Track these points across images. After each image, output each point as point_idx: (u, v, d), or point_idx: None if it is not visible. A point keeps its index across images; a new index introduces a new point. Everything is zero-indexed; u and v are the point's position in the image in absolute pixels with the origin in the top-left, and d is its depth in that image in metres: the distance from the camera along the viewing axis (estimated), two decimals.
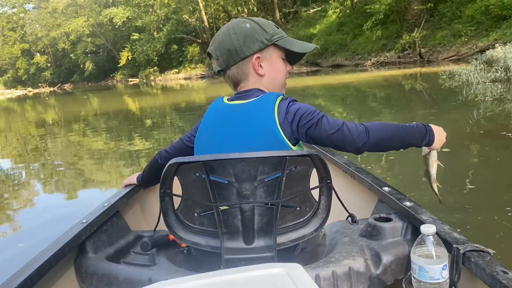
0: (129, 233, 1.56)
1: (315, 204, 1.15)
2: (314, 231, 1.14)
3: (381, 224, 1.25)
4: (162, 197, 1.13)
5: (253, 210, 1.11)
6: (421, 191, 3.12)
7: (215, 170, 1.09)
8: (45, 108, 21.22)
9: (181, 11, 38.28)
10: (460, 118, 5.80)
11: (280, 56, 1.31)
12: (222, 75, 1.31)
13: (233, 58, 1.24)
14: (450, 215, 2.63)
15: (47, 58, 66.03)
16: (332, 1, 27.34)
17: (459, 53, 16.34)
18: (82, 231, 1.34)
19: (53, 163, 6.21)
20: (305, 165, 1.09)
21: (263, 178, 1.09)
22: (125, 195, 1.68)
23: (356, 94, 11.23)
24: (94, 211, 1.49)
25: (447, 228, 1.13)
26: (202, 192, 1.11)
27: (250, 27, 1.25)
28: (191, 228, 1.16)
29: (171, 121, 9.96)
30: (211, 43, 1.30)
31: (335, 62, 23.19)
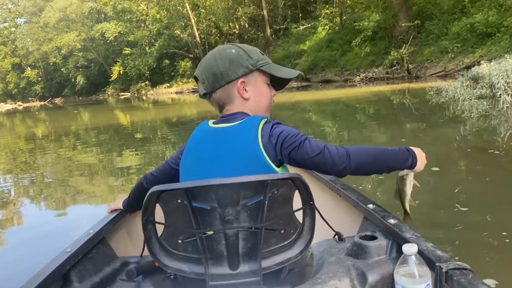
0: (115, 260, 1.53)
1: (299, 226, 1.15)
2: (299, 253, 1.15)
3: (366, 243, 1.25)
4: (144, 225, 1.12)
5: (237, 235, 1.11)
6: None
7: (197, 196, 1.08)
8: (35, 122, 21.10)
9: (173, 26, 38.55)
10: (448, 134, 5.91)
11: (265, 81, 1.34)
12: (208, 98, 1.34)
13: (219, 81, 1.28)
14: (436, 232, 2.68)
15: (38, 72, 65.83)
16: (322, 18, 27.76)
17: (446, 69, 16.64)
18: (66, 261, 1.32)
19: (42, 178, 6.19)
20: (287, 188, 1.10)
21: (246, 202, 1.09)
22: (110, 221, 1.66)
23: (345, 109, 11.37)
24: (78, 240, 1.46)
25: (430, 246, 1.14)
26: (185, 219, 1.10)
27: (236, 52, 1.29)
28: (175, 255, 1.15)
29: (162, 135, 9.99)
30: (198, 67, 1.34)
31: (324, 78, 23.47)
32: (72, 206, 4.63)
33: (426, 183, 3.63)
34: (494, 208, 2.92)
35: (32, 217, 4.31)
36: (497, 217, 2.73)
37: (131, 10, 41.91)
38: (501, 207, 2.95)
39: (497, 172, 3.87)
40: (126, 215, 1.78)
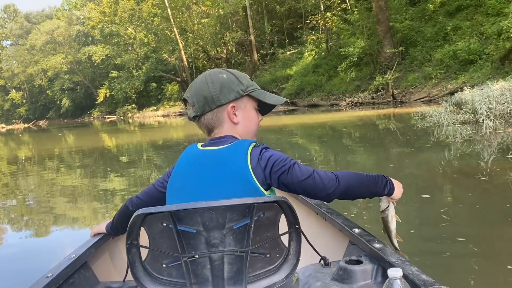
0: (97, 285, 1.51)
1: (285, 250, 1.14)
2: (285, 278, 1.13)
3: (351, 268, 1.25)
4: (128, 248, 1.10)
5: (222, 259, 1.09)
6: None
7: (183, 220, 1.07)
8: (18, 144, 20.79)
9: (161, 50, 38.83)
10: (433, 158, 5.96)
11: (254, 107, 1.37)
12: (197, 121, 1.34)
13: (209, 105, 1.29)
14: (424, 257, 2.66)
15: (23, 94, 65.38)
16: (308, 44, 28.21)
17: (430, 95, 16.95)
18: (46, 286, 1.28)
19: (24, 201, 6.04)
20: (273, 211, 1.09)
21: (232, 225, 1.08)
22: (93, 245, 1.63)
23: (332, 133, 11.45)
24: (60, 264, 1.43)
25: (415, 270, 1.14)
26: (170, 242, 1.09)
27: (227, 77, 1.31)
28: (159, 280, 1.13)
29: (148, 158, 9.89)
30: (188, 90, 1.34)
31: (311, 102, 23.71)
32: (54, 230, 4.51)
33: (414, 209, 3.62)
34: (483, 236, 2.92)
35: (13, 240, 4.19)
36: (484, 244, 2.73)
37: (119, 34, 42.19)
38: (489, 232, 2.95)
39: (483, 197, 3.89)
40: (109, 239, 1.75)
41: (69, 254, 1.51)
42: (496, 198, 3.80)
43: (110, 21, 41.66)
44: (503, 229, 2.97)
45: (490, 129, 7.17)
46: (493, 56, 15.36)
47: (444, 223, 3.17)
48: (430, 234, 3.02)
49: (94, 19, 44.94)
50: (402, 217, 3.27)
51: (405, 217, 3.45)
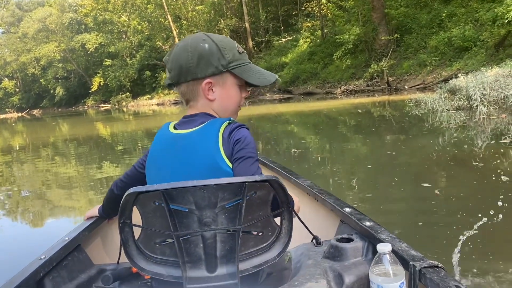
0: (91, 267, 1.52)
1: (277, 228, 1.16)
2: (277, 256, 1.14)
3: (342, 245, 1.27)
4: (121, 227, 1.10)
5: (215, 237, 1.10)
6: (383, 211, 3.19)
7: (175, 199, 1.07)
8: (12, 133, 20.66)
9: (155, 38, 38.50)
10: (427, 144, 5.98)
11: (236, 83, 1.26)
12: (174, 88, 1.28)
13: (184, 76, 1.21)
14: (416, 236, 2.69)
15: (16, 83, 64.80)
16: (303, 31, 28.07)
17: (425, 82, 16.96)
18: (40, 267, 1.29)
19: (19, 190, 6.02)
20: (265, 190, 1.10)
21: (224, 204, 1.09)
22: (86, 227, 1.64)
23: (327, 121, 11.45)
24: (53, 246, 1.44)
25: (405, 246, 1.17)
26: (163, 221, 1.09)
27: (208, 48, 1.20)
28: (153, 258, 1.13)
29: (143, 146, 9.87)
30: (169, 53, 1.27)
31: (306, 90, 23.66)
32: (49, 217, 4.52)
33: (412, 196, 3.65)
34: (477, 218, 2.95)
35: (7, 227, 4.18)
36: (481, 227, 2.76)
37: (112, 21, 41.77)
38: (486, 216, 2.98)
39: (478, 182, 3.92)
40: (102, 222, 1.76)
41: (63, 237, 1.52)
42: (490, 183, 3.83)
43: (103, 8, 41.21)
44: (495, 214, 3.00)
45: (484, 115, 7.20)
46: (488, 43, 15.37)
47: (439, 209, 3.20)
48: (425, 219, 3.05)
49: (86, 6, 44.39)
50: (401, 204, 3.34)
51: (403, 204, 3.48)
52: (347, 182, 4.33)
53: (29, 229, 4.21)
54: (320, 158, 5.77)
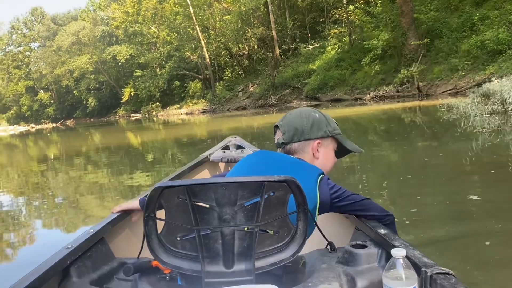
0: (112, 260, 1.58)
1: (293, 229, 1.19)
2: (291, 256, 1.18)
3: (356, 251, 1.29)
4: (146, 221, 1.15)
5: (233, 234, 1.15)
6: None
7: (198, 194, 1.13)
8: (47, 143, 21.34)
9: (183, 48, 39.09)
10: (460, 150, 5.82)
11: (334, 148, 1.57)
12: (282, 146, 1.52)
13: (298, 136, 1.49)
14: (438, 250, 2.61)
15: (51, 94, 66.97)
16: (331, 38, 27.94)
17: (457, 87, 16.55)
18: (66, 256, 1.37)
19: (54, 199, 6.19)
20: (282, 191, 1.15)
21: (243, 203, 1.14)
22: (109, 222, 1.72)
23: (356, 127, 11.32)
24: (79, 237, 1.52)
25: (417, 253, 1.19)
26: (185, 216, 1.14)
27: (319, 117, 1.52)
28: (174, 252, 1.18)
29: (173, 155, 10.00)
30: (282, 118, 1.56)
31: (334, 97, 23.48)
32: (82, 226, 4.61)
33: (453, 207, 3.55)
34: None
35: (43, 236, 4.30)
36: None
37: (142, 33, 42.69)
38: None
39: None
40: (125, 217, 1.84)
41: (88, 229, 1.60)
42: None
43: (133, 20, 42.22)
44: None
45: None
46: None
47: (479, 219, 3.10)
48: (464, 230, 2.95)
49: (117, 19, 45.61)
50: (435, 213, 3.20)
51: (440, 213, 3.35)
52: (378, 190, 4.25)
53: (66, 232, 4.32)
54: (348, 165, 5.70)
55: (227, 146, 3.54)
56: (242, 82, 35.82)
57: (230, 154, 3.24)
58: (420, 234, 2.82)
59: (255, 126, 15.62)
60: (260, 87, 31.52)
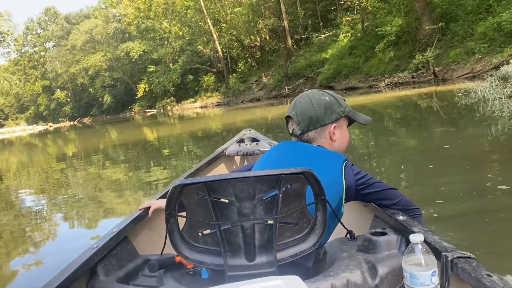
0: (137, 257, 1.63)
1: (312, 220, 1.21)
2: (312, 246, 1.20)
3: (376, 238, 1.31)
4: (167, 218, 1.18)
5: (253, 227, 1.17)
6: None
7: (216, 190, 1.15)
8: (66, 142, 21.67)
9: (196, 42, 39.16)
10: (479, 135, 5.73)
11: (346, 125, 1.57)
12: (299, 136, 1.51)
13: (314, 124, 1.48)
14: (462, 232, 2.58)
15: (67, 93, 67.89)
16: (343, 26, 27.63)
17: (474, 70, 16.23)
18: (93, 255, 1.41)
19: (74, 195, 6.30)
20: (300, 183, 1.16)
21: (261, 196, 1.16)
22: (132, 220, 1.76)
23: (371, 115, 11.17)
24: (103, 237, 1.57)
25: (437, 238, 1.20)
26: (205, 212, 1.17)
27: (329, 99, 1.51)
28: (196, 248, 1.21)
29: (188, 149, 10.06)
30: (292, 108, 1.54)
31: (348, 85, 23.27)
32: (101, 221, 4.69)
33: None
34: None
35: (65, 232, 4.39)
36: None
37: (154, 29, 42.83)
38: None
39: None
40: (147, 215, 1.88)
41: (111, 229, 1.65)
42: None
43: (145, 16, 42.36)
44: None
45: None
46: None
47: (484, 193, 3.05)
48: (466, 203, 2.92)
49: (129, 15, 45.81)
50: (462, 205, 3.09)
51: (468, 205, 3.24)
52: (399, 180, 4.21)
53: (87, 227, 4.41)
54: (365, 154, 5.66)
55: (242, 140, 3.54)
56: (255, 74, 35.75)
57: (245, 148, 3.25)
58: (450, 226, 2.74)
59: (269, 117, 15.59)
60: (273, 78, 31.42)
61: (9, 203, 6.55)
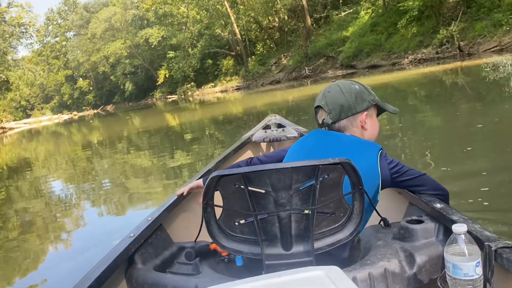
0: (172, 245, 1.67)
1: (349, 209, 1.20)
2: (349, 235, 1.19)
3: (413, 226, 1.29)
4: (204, 208, 1.18)
5: (289, 217, 1.17)
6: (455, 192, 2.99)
7: (253, 181, 1.16)
8: (90, 130, 22.06)
9: (214, 26, 38.97)
10: (506, 110, 5.53)
11: (376, 115, 1.57)
12: (330, 126, 1.49)
13: (345, 112, 1.46)
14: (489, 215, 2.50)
15: (89, 82, 68.85)
16: (364, 2, 27.00)
17: (501, 43, 15.67)
18: (130, 244, 1.45)
19: (100, 182, 6.42)
20: (337, 173, 1.15)
21: (298, 186, 1.16)
22: (166, 208, 1.79)
23: (395, 93, 10.98)
24: (139, 225, 1.60)
25: (478, 227, 1.16)
26: (242, 202, 1.17)
27: (359, 88, 1.50)
28: (233, 237, 1.22)
29: (210, 134, 10.10)
30: (321, 98, 1.52)
31: (370, 63, 22.83)
32: (129, 206, 4.77)
33: None
34: None
35: (94, 217, 4.48)
36: None
37: (172, 14, 42.79)
38: None
39: None
40: (179, 203, 1.92)
41: (146, 217, 1.68)
42: None
43: (162, 1, 42.33)
44: None
45: None
46: None
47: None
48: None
49: (147, 1, 45.84)
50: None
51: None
52: (438, 165, 4.05)
53: (115, 212, 4.49)
54: (390, 133, 5.54)
55: (267, 126, 3.52)
56: (274, 56, 35.44)
57: (271, 134, 3.22)
58: (493, 215, 2.54)
59: (290, 99, 15.47)
60: (293, 59, 31.08)
61: (39, 191, 6.71)
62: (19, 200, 6.15)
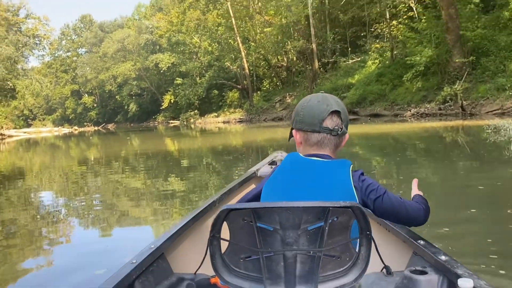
0: (171, 275, 1.65)
1: (355, 254, 1.18)
2: (353, 281, 1.16)
3: (417, 277, 1.26)
4: (211, 240, 1.17)
5: (295, 257, 1.15)
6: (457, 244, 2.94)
7: (262, 217, 1.14)
8: (88, 146, 22.01)
9: (224, 58, 39.71)
10: (509, 175, 5.53)
11: None
12: (335, 135, 1.39)
13: (346, 127, 1.41)
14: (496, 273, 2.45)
15: (94, 98, 69.44)
16: (372, 53, 27.57)
17: (503, 107, 15.91)
18: (132, 271, 1.44)
19: (92, 200, 6.34)
20: (346, 216, 1.14)
21: (306, 226, 1.13)
22: (169, 237, 1.77)
23: (394, 144, 11.04)
24: (141, 253, 1.58)
25: (484, 283, 1.12)
26: (249, 238, 1.16)
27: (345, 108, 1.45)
28: (236, 272, 1.20)
29: (208, 163, 10.07)
30: (335, 103, 1.40)
31: (373, 112, 23.08)
32: (116, 228, 4.68)
33: None
34: None
35: (80, 236, 4.39)
36: None
37: (185, 43, 43.68)
38: None
39: None
40: (182, 233, 1.91)
41: (149, 244, 1.66)
42: None
43: (177, 30, 43.31)
44: None
45: None
46: None
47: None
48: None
49: (162, 28, 46.92)
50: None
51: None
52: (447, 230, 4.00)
53: (101, 233, 4.39)
54: (386, 184, 5.52)
55: (273, 162, 3.53)
56: (279, 93, 35.91)
57: None
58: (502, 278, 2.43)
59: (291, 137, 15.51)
60: (298, 98, 31.45)
61: (28, 202, 6.62)
62: (5, 209, 6.06)
